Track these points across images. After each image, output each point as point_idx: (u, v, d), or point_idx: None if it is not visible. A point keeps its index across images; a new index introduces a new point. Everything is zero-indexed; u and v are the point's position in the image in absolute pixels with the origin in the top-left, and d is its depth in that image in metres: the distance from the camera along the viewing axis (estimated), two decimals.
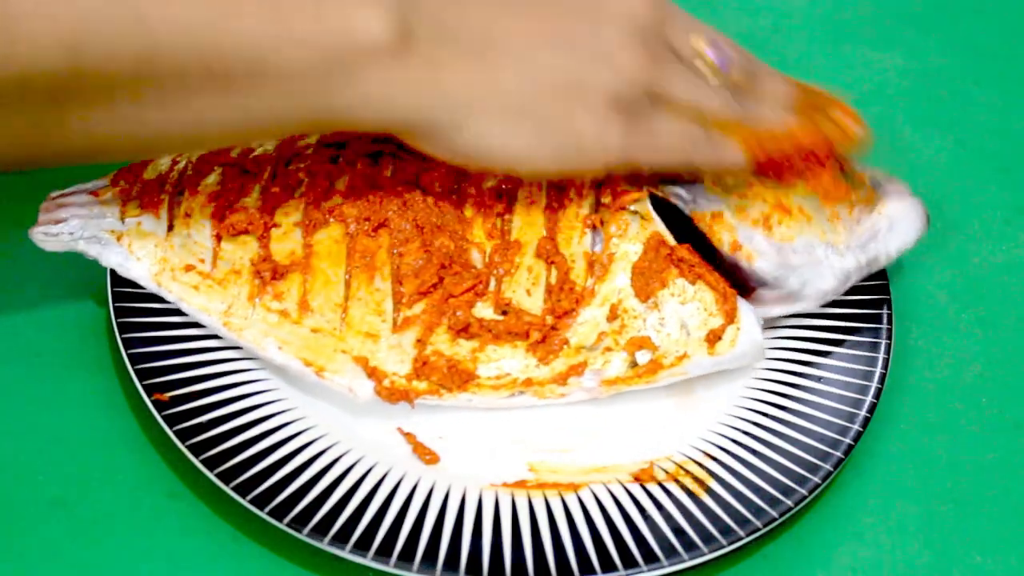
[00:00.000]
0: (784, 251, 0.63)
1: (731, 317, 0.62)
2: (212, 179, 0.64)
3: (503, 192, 0.63)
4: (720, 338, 0.62)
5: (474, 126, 0.58)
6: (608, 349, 0.62)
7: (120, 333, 0.61)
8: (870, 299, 0.67)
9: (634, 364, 0.62)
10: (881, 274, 0.67)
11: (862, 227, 0.64)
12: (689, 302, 0.62)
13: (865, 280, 0.66)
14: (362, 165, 0.64)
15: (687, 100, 0.62)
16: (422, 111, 0.57)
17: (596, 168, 0.61)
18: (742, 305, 0.63)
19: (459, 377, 0.61)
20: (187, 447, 0.58)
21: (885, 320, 0.66)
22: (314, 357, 0.61)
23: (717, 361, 0.62)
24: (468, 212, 0.63)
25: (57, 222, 0.62)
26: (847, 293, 0.65)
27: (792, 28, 0.85)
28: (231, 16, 0.53)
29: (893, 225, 0.65)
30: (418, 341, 0.61)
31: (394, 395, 0.60)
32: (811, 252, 0.63)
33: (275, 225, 0.62)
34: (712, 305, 0.62)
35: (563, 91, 0.59)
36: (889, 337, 0.66)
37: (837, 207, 0.64)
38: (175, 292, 0.62)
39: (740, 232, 0.63)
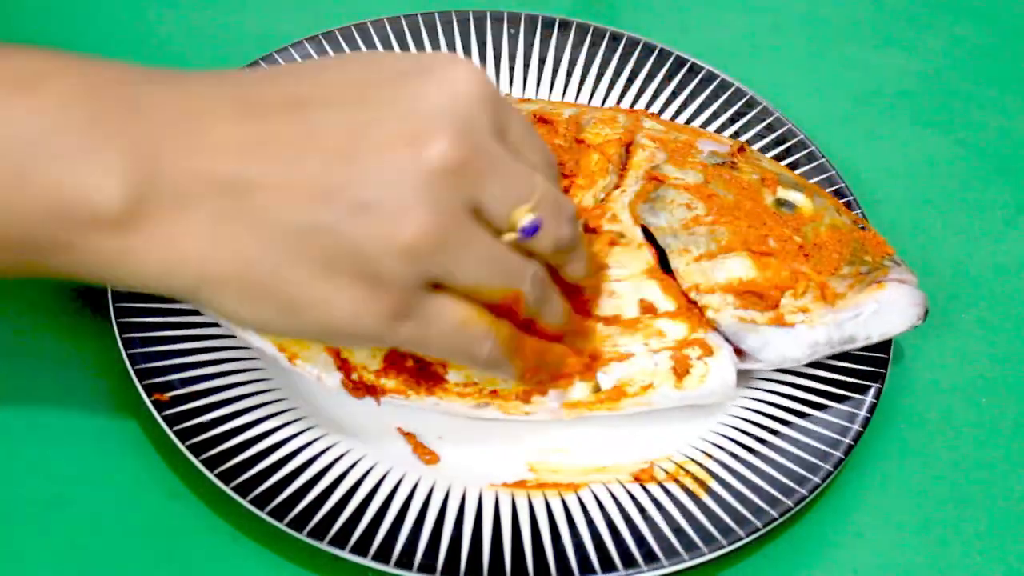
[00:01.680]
0: (747, 312, 0.62)
1: (706, 351, 0.62)
2: None
3: None
4: (688, 372, 0.61)
5: (211, 299, 0.51)
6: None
7: (120, 333, 0.61)
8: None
9: (597, 388, 0.61)
10: None
11: (846, 303, 0.63)
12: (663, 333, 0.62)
13: None
14: None
15: (466, 286, 0.52)
16: (148, 282, 0.50)
17: (358, 346, 0.56)
18: (718, 342, 0.63)
19: (427, 379, 0.61)
20: (187, 447, 0.58)
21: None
22: (288, 343, 0.60)
23: (684, 396, 0.61)
24: None
25: None
26: None
27: (792, 28, 0.85)
28: None
29: (881, 310, 0.63)
30: None
31: (360, 390, 0.60)
32: (780, 319, 0.63)
33: None
34: (685, 338, 0.62)
35: (315, 263, 0.49)
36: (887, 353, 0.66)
37: (827, 279, 0.63)
38: None
39: (707, 282, 0.62)
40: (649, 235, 0.63)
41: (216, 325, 0.62)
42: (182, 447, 0.58)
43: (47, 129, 0.48)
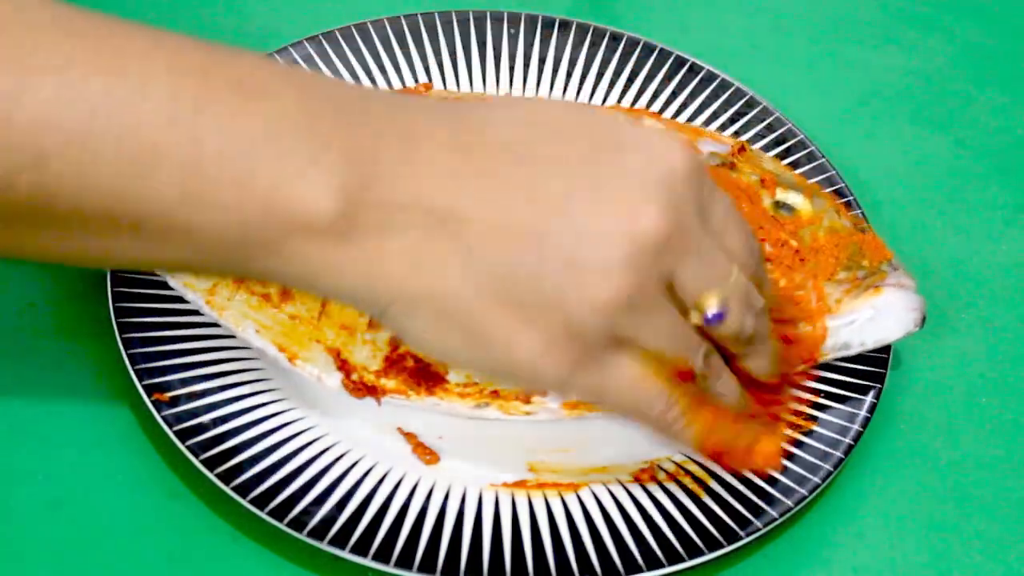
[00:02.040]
0: None
1: None
2: None
3: None
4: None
5: (400, 318, 0.52)
6: None
7: (120, 333, 0.61)
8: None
9: None
10: None
11: (842, 310, 0.63)
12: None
13: None
14: None
15: (650, 350, 0.53)
16: (342, 292, 0.51)
17: (531, 392, 0.57)
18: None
19: (428, 380, 0.61)
20: (187, 447, 0.58)
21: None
22: (289, 343, 0.61)
23: None
24: None
25: None
26: None
27: (792, 28, 0.86)
28: (143, 176, 0.47)
29: (877, 317, 0.63)
30: (392, 339, 0.61)
31: (360, 390, 0.60)
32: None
33: None
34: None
35: (513, 303, 0.51)
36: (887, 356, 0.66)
37: (824, 285, 0.63)
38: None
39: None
40: None
41: (216, 325, 0.62)
42: (182, 447, 0.58)
43: (271, 133, 0.49)
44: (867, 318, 0.63)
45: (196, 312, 0.62)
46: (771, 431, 0.59)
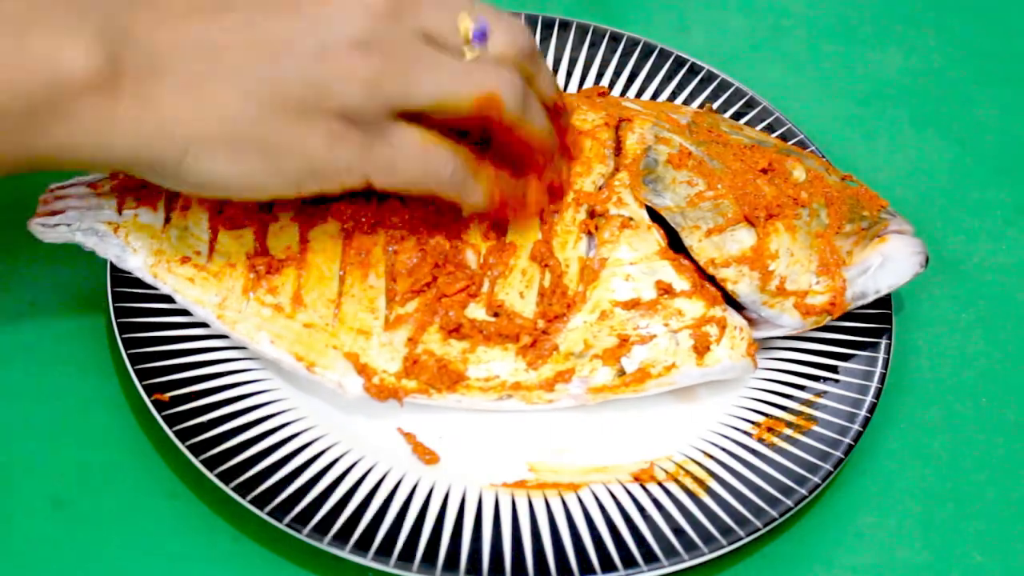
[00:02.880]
0: (763, 279, 0.63)
1: (724, 327, 0.62)
2: None
3: None
4: (709, 349, 0.62)
5: (197, 160, 0.54)
6: (596, 357, 0.62)
7: (120, 333, 0.61)
8: (872, 302, 0.66)
9: (622, 372, 0.62)
10: None
11: (854, 261, 0.64)
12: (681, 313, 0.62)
13: None
14: None
15: (433, 101, 0.56)
16: (140, 149, 0.54)
17: (334, 189, 0.57)
18: (734, 318, 0.63)
19: (448, 377, 0.61)
20: (187, 447, 0.58)
21: (886, 321, 0.66)
22: (306, 352, 0.61)
23: (705, 372, 0.62)
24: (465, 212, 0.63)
25: (54, 213, 0.62)
26: None
27: (792, 28, 0.86)
28: None
29: (886, 262, 0.64)
30: (409, 340, 0.61)
31: (383, 392, 0.60)
32: (795, 282, 0.63)
33: (272, 219, 0.62)
34: (703, 315, 0.62)
35: (289, 109, 0.54)
36: (889, 337, 0.66)
37: (834, 239, 0.64)
38: (170, 284, 0.62)
39: (722, 256, 0.63)
40: (654, 216, 0.63)
41: None
42: (182, 447, 0.58)
43: (35, 7, 0.52)
44: (878, 265, 0.64)
45: None
46: (538, 178, 0.61)
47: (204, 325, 0.62)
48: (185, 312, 0.62)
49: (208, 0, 0.55)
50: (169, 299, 0.62)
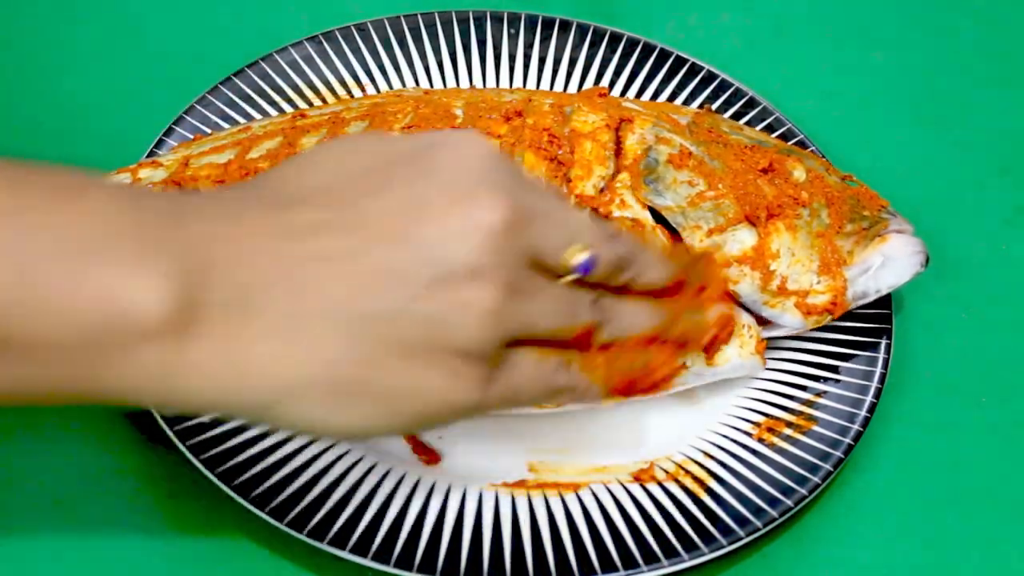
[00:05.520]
0: (764, 279, 0.63)
1: (732, 327, 0.62)
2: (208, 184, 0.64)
3: None
4: (719, 349, 0.62)
5: (293, 410, 0.48)
6: None
7: None
8: (872, 302, 0.66)
9: None
10: None
11: (854, 261, 0.64)
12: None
13: None
14: None
15: (546, 334, 0.52)
16: (218, 396, 0.47)
17: (455, 420, 0.52)
18: (742, 316, 0.63)
19: None
20: (187, 447, 0.58)
21: (886, 321, 0.66)
22: None
23: (715, 372, 0.62)
24: None
25: None
26: None
27: (792, 28, 0.85)
28: None
29: (887, 262, 0.65)
30: None
31: None
32: (796, 282, 0.63)
33: None
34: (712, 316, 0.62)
35: (401, 349, 0.48)
36: (889, 337, 0.66)
37: (835, 239, 0.64)
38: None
39: (723, 255, 0.63)
40: (655, 216, 0.63)
41: None
42: (182, 447, 0.58)
43: (97, 234, 0.46)
44: (879, 265, 0.64)
45: None
46: (662, 346, 0.57)
47: None
48: None
49: (304, 219, 0.48)
50: None
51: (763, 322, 0.64)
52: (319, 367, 0.47)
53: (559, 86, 0.76)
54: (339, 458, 0.60)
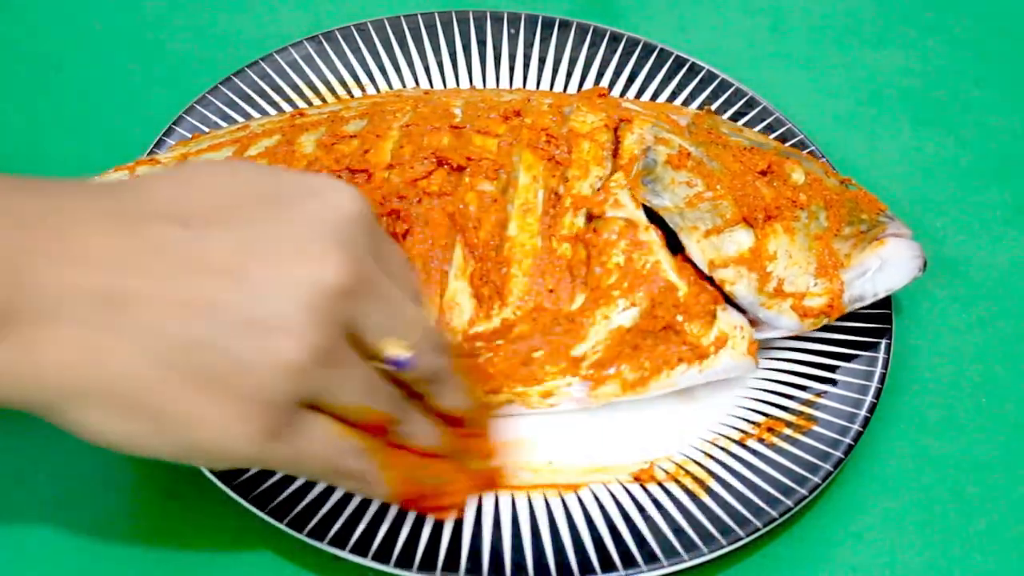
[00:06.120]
0: (761, 280, 0.63)
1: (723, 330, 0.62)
2: None
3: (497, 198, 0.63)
4: (709, 351, 0.62)
5: (71, 414, 0.48)
6: None
7: None
8: (873, 303, 0.66)
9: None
10: None
11: (852, 264, 0.64)
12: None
13: None
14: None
15: (345, 410, 0.51)
16: (12, 396, 0.48)
17: (221, 468, 0.53)
18: (734, 317, 0.63)
19: None
20: None
21: (886, 321, 0.66)
22: None
23: (707, 372, 0.62)
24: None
25: None
26: None
27: (792, 28, 0.85)
28: None
29: (884, 265, 0.65)
30: None
31: None
32: (793, 284, 0.63)
33: None
34: (703, 316, 0.62)
35: (193, 381, 0.48)
36: (889, 337, 0.66)
37: (833, 242, 0.64)
38: None
39: (720, 256, 0.63)
40: (652, 216, 0.63)
41: None
42: None
43: None
44: (876, 268, 0.65)
45: None
46: (460, 469, 0.56)
47: None
48: None
49: (149, 234, 0.48)
50: None
51: (759, 323, 0.64)
52: (99, 379, 0.48)
53: (559, 86, 0.76)
54: None
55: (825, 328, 0.65)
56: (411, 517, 0.58)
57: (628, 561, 0.58)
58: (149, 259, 0.48)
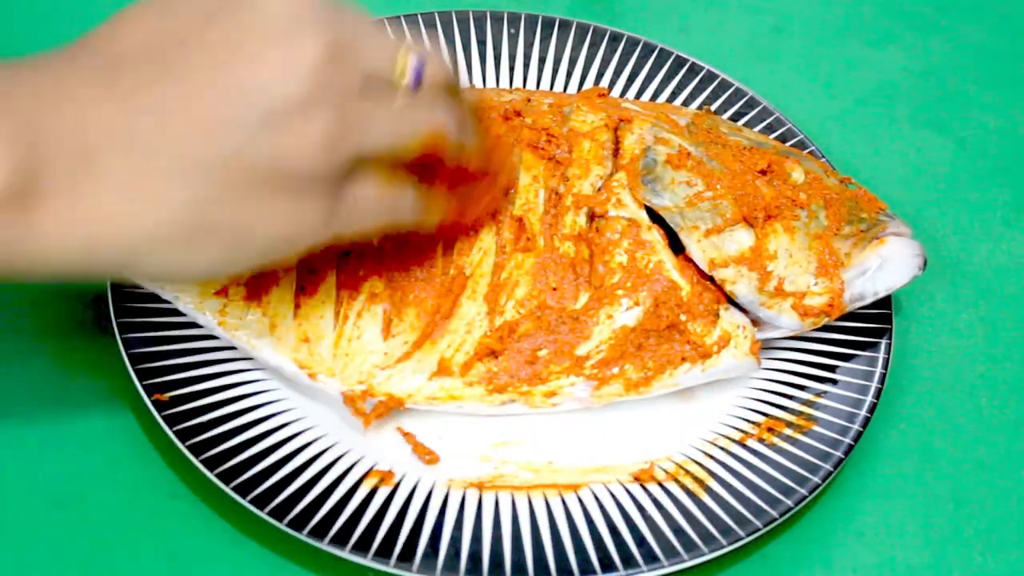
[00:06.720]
0: (762, 280, 0.63)
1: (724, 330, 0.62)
2: None
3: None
4: (712, 351, 0.62)
5: (152, 260, 0.50)
6: None
7: (120, 333, 0.61)
8: (873, 302, 0.66)
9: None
10: None
11: (852, 263, 0.64)
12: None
13: None
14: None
15: (387, 149, 0.53)
16: (74, 259, 0.49)
17: (302, 252, 0.54)
18: (737, 317, 0.63)
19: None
20: (187, 447, 0.58)
21: (886, 321, 0.66)
22: (306, 361, 0.61)
23: (710, 372, 0.62)
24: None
25: None
26: None
27: (792, 28, 0.86)
28: None
29: (884, 264, 0.65)
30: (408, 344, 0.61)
31: (381, 408, 0.60)
32: (793, 283, 0.63)
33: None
34: (705, 316, 0.62)
35: (243, 187, 0.50)
36: (889, 337, 0.66)
37: (833, 241, 0.64)
38: (170, 289, 0.62)
39: (721, 256, 0.63)
40: (653, 216, 0.63)
41: None
42: (182, 447, 0.58)
43: None
44: (876, 267, 0.64)
45: None
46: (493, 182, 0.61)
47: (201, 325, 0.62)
48: (185, 313, 0.62)
49: (131, 76, 0.49)
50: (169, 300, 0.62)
51: (759, 323, 0.64)
52: (166, 215, 0.49)
53: (559, 86, 0.76)
54: (339, 458, 0.60)
55: (825, 328, 0.65)
56: (411, 517, 0.58)
57: (628, 561, 0.58)
58: (154, 96, 0.49)
